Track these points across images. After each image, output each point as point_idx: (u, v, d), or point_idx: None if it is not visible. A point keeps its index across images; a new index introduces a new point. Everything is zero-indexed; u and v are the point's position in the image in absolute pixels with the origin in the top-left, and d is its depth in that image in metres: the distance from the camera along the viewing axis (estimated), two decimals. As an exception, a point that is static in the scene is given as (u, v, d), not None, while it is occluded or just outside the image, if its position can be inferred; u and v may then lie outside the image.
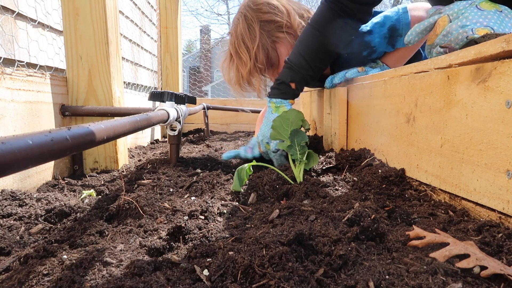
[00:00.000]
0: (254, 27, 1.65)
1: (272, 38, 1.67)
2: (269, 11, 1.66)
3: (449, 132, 0.87)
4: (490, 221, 0.72)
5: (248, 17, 1.67)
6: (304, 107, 2.56)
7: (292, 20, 1.67)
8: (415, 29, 1.06)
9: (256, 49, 1.65)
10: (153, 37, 4.13)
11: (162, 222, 0.89)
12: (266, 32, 1.66)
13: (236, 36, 1.70)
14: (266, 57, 1.68)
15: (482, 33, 0.88)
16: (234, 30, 1.72)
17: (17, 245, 0.85)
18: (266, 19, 1.66)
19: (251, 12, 1.67)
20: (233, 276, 0.58)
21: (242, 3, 1.77)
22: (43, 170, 1.52)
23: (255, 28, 1.65)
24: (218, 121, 4.02)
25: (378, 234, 0.71)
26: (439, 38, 0.99)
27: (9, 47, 1.57)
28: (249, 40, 1.66)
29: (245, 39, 1.66)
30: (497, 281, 0.55)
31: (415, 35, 1.07)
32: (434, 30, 1.02)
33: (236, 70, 1.74)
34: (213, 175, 1.31)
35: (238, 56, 1.70)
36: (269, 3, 1.68)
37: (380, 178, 1.07)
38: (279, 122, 1.30)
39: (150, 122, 1.17)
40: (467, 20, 0.93)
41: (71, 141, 0.61)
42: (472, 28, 0.91)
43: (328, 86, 1.62)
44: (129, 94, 2.95)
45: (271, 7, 1.67)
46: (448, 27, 0.96)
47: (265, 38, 1.66)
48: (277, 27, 1.67)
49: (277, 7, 1.67)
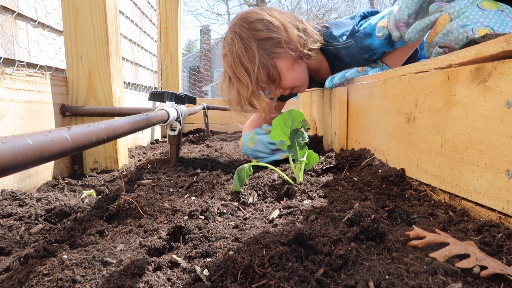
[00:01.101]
0: (251, 47, 1.56)
1: (271, 55, 1.59)
2: (264, 28, 1.58)
3: (449, 132, 0.87)
4: (490, 221, 0.72)
5: (244, 37, 1.57)
6: (304, 107, 2.56)
7: (291, 35, 1.58)
8: (416, 27, 1.06)
9: (257, 70, 1.56)
10: (153, 37, 4.13)
11: (162, 222, 0.89)
12: (265, 51, 1.58)
13: (233, 58, 1.60)
14: (267, 75, 1.60)
15: (482, 33, 0.88)
16: (229, 51, 1.62)
17: (17, 245, 0.85)
18: (262, 37, 1.57)
19: (245, 31, 1.58)
20: (233, 276, 0.58)
21: (233, 21, 1.68)
22: (43, 170, 1.52)
23: (253, 47, 1.56)
24: (218, 121, 4.02)
25: (378, 234, 0.71)
26: (439, 37, 0.99)
27: (9, 47, 1.57)
28: (247, 61, 1.57)
29: (243, 61, 1.58)
30: (497, 281, 0.55)
31: (415, 33, 1.07)
32: (434, 28, 1.02)
33: (236, 93, 1.65)
34: (213, 175, 1.31)
35: (237, 78, 1.61)
36: (262, 20, 1.60)
37: (380, 178, 1.07)
38: (279, 122, 1.30)
39: (150, 122, 1.17)
40: (468, 20, 0.93)
41: (71, 141, 0.61)
42: (473, 28, 0.91)
43: (328, 87, 1.62)
44: (129, 94, 2.95)
45: (266, 24, 1.58)
46: (449, 26, 0.96)
47: (264, 57, 1.57)
48: (275, 43, 1.58)
49: (272, 23, 1.59)
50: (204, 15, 43.55)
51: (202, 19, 38.94)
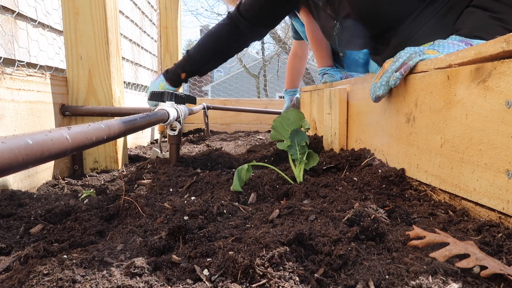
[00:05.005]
0: None
1: None
2: None
3: (449, 132, 0.87)
4: (490, 221, 0.72)
5: None
6: (304, 107, 2.56)
7: None
8: (377, 84, 1.11)
9: None
10: (153, 37, 4.13)
11: (162, 222, 0.89)
12: None
13: None
14: None
15: (429, 52, 1.01)
16: None
17: (17, 245, 0.85)
18: None
19: None
20: (233, 276, 0.58)
21: None
22: (43, 170, 1.52)
23: None
24: (218, 121, 4.02)
25: (378, 234, 0.71)
26: (391, 68, 1.06)
27: (9, 47, 1.57)
28: None
29: None
30: (497, 281, 0.55)
31: (384, 88, 1.10)
32: (382, 69, 1.11)
33: None
34: (213, 175, 1.30)
35: None
36: None
37: (380, 178, 1.07)
38: (279, 122, 1.30)
39: (150, 122, 1.17)
40: (412, 48, 1.05)
41: (71, 141, 0.61)
42: (421, 49, 1.03)
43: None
44: (129, 94, 2.95)
45: None
46: (395, 58, 1.06)
47: None
48: None
49: None
50: (204, 15, 43.58)
51: (202, 19, 38.94)
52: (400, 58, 1.04)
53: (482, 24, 1.11)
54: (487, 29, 1.08)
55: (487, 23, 1.10)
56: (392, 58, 1.07)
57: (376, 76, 1.12)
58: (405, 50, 1.04)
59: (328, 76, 2.16)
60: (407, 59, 1.02)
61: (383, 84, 1.08)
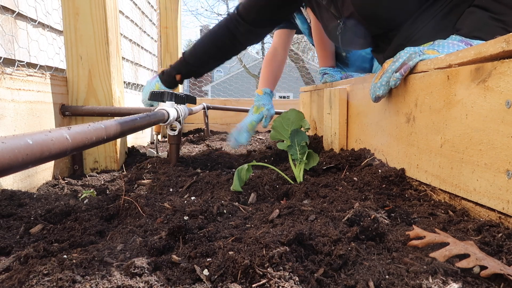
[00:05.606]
0: None
1: None
2: None
3: (449, 132, 0.87)
4: (490, 221, 0.72)
5: None
6: (304, 107, 2.56)
7: None
8: (377, 84, 1.11)
9: None
10: (153, 37, 4.13)
11: (162, 222, 0.89)
12: None
13: None
14: None
15: (429, 52, 1.00)
16: None
17: (17, 245, 0.85)
18: None
19: None
20: (233, 276, 0.58)
21: None
22: (43, 170, 1.52)
23: None
24: (218, 121, 4.02)
25: (378, 234, 0.71)
26: (391, 68, 1.06)
27: (9, 47, 1.57)
28: None
29: None
30: (497, 281, 0.55)
31: (383, 88, 1.10)
32: (382, 69, 1.11)
33: None
34: (213, 175, 1.30)
35: None
36: None
37: (380, 178, 1.07)
38: (279, 122, 1.30)
39: (150, 122, 1.17)
40: (412, 48, 1.05)
41: (71, 140, 0.61)
42: (421, 49, 1.03)
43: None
44: (129, 94, 2.95)
45: None
46: (395, 58, 1.06)
47: None
48: None
49: None
50: (204, 15, 43.61)
51: (202, 19, 38.96)
52: (400, 58, 1.04)
53: (482, 24, 1.11)
54: (487, 30, 1.08)
55: (487, 24, 1.10)
56: (392, 58, 1.07)
57: (376, 76, 1.12)
58: (405, 50, 1.04)
59: (328, 76, 2.16)
60: (407, 59, 1.02)
61: (383, 84, 1.08)
